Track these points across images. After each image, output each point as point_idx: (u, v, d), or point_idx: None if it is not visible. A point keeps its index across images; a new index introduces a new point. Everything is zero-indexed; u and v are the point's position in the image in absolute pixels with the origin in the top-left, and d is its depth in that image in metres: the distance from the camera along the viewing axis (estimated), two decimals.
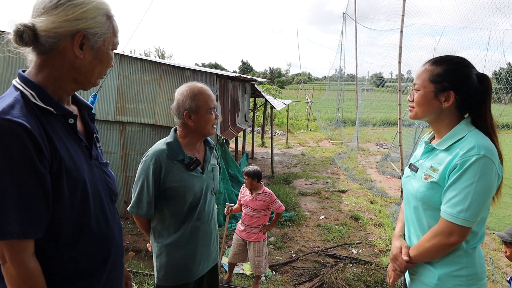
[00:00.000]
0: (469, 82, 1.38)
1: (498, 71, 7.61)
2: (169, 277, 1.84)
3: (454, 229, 1.30)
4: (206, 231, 1.90)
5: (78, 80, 1.06)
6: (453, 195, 1.30)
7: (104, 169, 1.20)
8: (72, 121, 1.05)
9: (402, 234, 1.65)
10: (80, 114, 1.18)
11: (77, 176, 1.02)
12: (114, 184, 1.25)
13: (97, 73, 1.09)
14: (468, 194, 1.27)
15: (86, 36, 1.00)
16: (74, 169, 1.01)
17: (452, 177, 1.31)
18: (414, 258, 1.46)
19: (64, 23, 0.97)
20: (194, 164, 1.81)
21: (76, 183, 1.02)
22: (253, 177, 3.53)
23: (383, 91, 29.91)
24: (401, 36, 6.99)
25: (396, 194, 7.56)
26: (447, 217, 1.31)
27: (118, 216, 1.25)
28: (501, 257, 4.78)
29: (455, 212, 1.29)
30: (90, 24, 1.00)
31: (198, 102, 1.78)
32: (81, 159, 1.07)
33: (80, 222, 1.05)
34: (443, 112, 1.43)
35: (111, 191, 1.21)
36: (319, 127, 20.40)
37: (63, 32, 0.97)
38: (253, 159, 11.16)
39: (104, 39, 1.05)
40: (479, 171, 1.26)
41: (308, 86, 36.92)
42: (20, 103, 0.93)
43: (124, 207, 6.32)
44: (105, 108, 5.88)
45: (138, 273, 4.10)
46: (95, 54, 1.04)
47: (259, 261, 3.59)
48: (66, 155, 0.99)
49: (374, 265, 4.36)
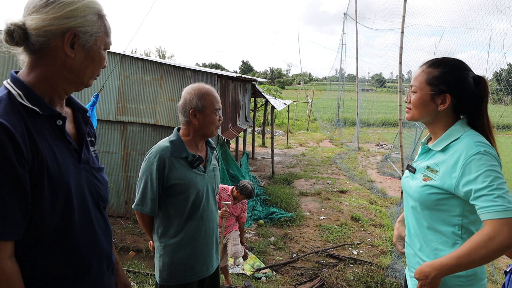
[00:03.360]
0: (466, 85, 1.39)
1: (499, 72, 7.61)
2: (172, 276, 1.84)
3: (506, 224, 1.17)
4: (208, 231, 1.91)
5: (70, 80, 1.04)
6: (485, 193, 1.22)
7: (95, 173, 1.16)
8: (60, 123, 1.02)
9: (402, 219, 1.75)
10: (74, 116, 1.15)
11: (60, 178, 0.99)
12: (105, 190, 1.20)
13: (89, 73, 1.07)
14: (498, 186, 1.21)
15: (76, 35, 0.99)
16: (58, 171, 0.98)
17: (466, 182, 1.27)
18: (461, 266, 1.26)
19: (54, 21, 0.96)
20: (198, 162, 1.84)
21: (59, 186, 0.98)
22: (250, 198, 3.75)
23: (383, 92, 29.92)
24: (402, 36, 7.00)
25: (396, 195, 7.57)
26: (499, 215, 1.18)
27: (107, 224, 1.20)
28: (500, 258, 4.79)
29: (502, 207, 1.18)
30: (80, 23, 0.99)
31: (205, 102, 1.82)
32: (68, 162, 1.03)
33: (62, 227, 1.01)
34: (439, 114, 1.43)
35: (100, 197, 1.16)
36: (320, 127, 20.42)
37: (53, 31, 0.96)
38: (254, 159, 11.17)
39: (96, 38, 1.04)
40: (487, 164, 1.25)
41: (309, 87, 36.94)
42: (4, 102, 0.93)
43: (124, 207, 6.34)
44: (106, 108, 5.89)
45: (139, 272, 4.11)
46: (87, 54, 1.03)
47: (235, 250, 3.82)
48: (49, 156, 0.97)
49: (374, 266, 4.37)
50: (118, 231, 5.74)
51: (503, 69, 8.06)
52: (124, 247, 5.24)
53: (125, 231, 5.73)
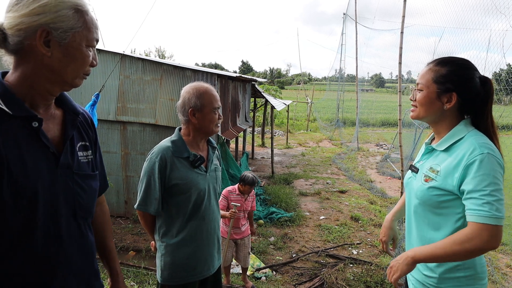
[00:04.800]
0: (472, 84, 1.39)
1: (498, 72, 7.62)
2: (174, 276, 1.85)
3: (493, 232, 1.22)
4: (210, 230, 1.91)
5: (51, 80, 1.00)
6: (477, 196, 1.25)
7: (78, 180, 1.08)
8: (36, 125, 0.98)
9: (395, 218, 1.75)
10: (64, 118, 1.11)
11: (24, 183, 0.93)
12: (87, 198, 1.12)
13: (71, 72, 1.01)
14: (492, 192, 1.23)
15: (49, 32, 0.95)
16: (22, 175, 0.93)
17: (464, 182, 1.29)
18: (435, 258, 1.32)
19: (24, 19, 0.92)
20: (199, 161, 1.84)
21: (21, 190, 0.93)
22: (254, 185, 3.68)
23: (383, 92, 29.93)
24: (402, 36, 7.00)
25: (396, 195, 7.58)
26: (482, 220, 1.22)
27: (84, 235, 1.12)
28: (500, 258, 4.79)
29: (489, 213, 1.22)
30: (52, 19, 0.94)
31: (203, 101, 1.82)
32: (40, 166, 0.98)
33: (21, 235, 0.95)
34: (444, 113, 1.44)
35: (79, 205, 1.09)
36: (319, 127, 20.42)
37: (25, 29, 0.93)
38: (253, 159, 11.17)
39: (73, 35, 0.98)
40: (488, 167, 1.26)
41: (308, 87, 36.96)
42: None
43: (124, 206, 6.34)
44: (106, 107, 5.89)
45: (139, 272, 4.11)
46: (65, 51, 0.98)
47: (248, 253, 3.82)
48: (13, 159, 0.92)
49: (374, 266, 4.37)
50: (118, 231, 5.75)
51: (502, 69, 8.08)
52: (124, 247, 5.25)
53: (125, 231, 5.73)
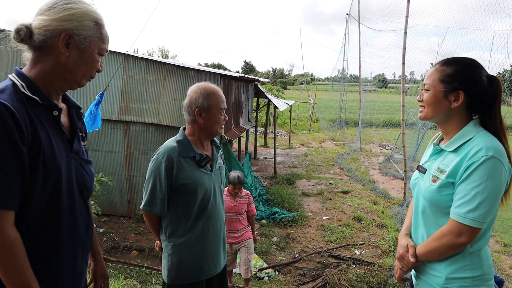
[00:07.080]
0: (479, 82, 1.39)
1: (502, 73, 7.59)
2: (181, 275, 1.85)
3: (463, 230, 1.31)
4: (216, 229, 1.92)
5: (64, 78, 1.16)
6: (462, 195, 1.31)
7: (83, 164, 1.26)
8: (56, 113, 1.15)
9: (408, 232, 1.65)
10: (68, 111, 1.27)
11: (53, 162, 1.09)
12: (90, 181, 1.30)
13: (82, 73, 1.18)
14: (476, 194, 1.28)
15: (72, 36, 1.12)
16: (52, 155, 1.09)
17: (460, 179, 1.32)
18: (420, 256, 1.47)
19: (52, 22, 1.10)
20: (205, 161, 1.84)
21: (51, 169, 1.09)
22: (241, 183, 3.60)
23: (386, 92, 29.85)
24: (405, 37, 6.99)
25: (399, 196, 7.56)
26: (456, 218, 1.32)
27: (88, 212, 1.29)
28: (504, 259, 4.77)
29: (463, 212, 1.30)
30: (76, 26, 1.12)
31: (211, 101, 1.83)
32: (61, 149, 1.14)
33: (49, 207, 1.11)
34: (452, 112, 1.43)
35: (85, 186, 1.26)
36: (322, 127, 20.40)
37: (52, 30, 1.10)
38: (256, 159, 11.18)
39: (91, 42, 1.16)
40: (487, 171, 1.27)
41: (311, 87, 36.92)
42: (9, 90, 1.06)
43: (127, 206, 6.36)
44: (109, 107, 5.91)
45: (142, 271, 4.12)
46: (80, 54, 1.15)
47: (250, 259, 3.70)
48: (46, 141, 1.08)
49: (377, 266, 4.37)
50: (120, 230, 5.76)
51: (506, 70, 8.04)
52: (127, 246, 5.26)
53: (128, 231, 5.75)
